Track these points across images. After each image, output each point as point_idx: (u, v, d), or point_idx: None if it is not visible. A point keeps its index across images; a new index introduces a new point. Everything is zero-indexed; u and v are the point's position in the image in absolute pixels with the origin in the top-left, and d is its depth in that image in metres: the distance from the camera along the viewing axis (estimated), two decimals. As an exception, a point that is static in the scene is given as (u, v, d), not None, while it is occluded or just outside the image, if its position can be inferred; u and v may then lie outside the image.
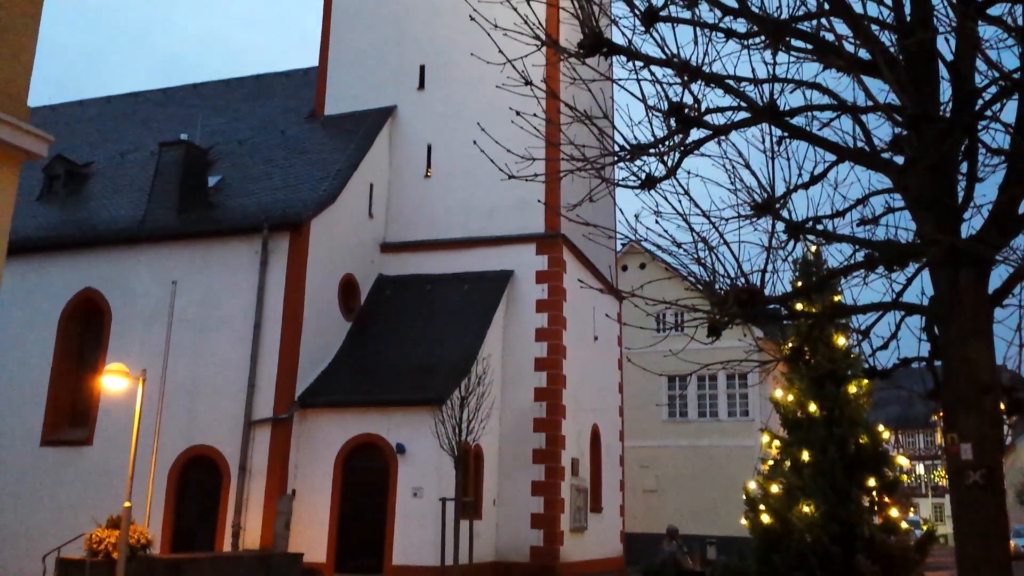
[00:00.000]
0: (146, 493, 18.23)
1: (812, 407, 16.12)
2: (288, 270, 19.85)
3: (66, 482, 20.11)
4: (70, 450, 20.50)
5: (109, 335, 20.90)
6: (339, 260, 21.37)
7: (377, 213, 23.09)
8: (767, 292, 5.52)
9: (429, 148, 23.61)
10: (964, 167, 5.42)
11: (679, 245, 5.67)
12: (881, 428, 16.49)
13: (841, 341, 15.55)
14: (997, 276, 5.31)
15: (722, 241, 5.51)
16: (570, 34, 5.90)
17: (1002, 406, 5.30)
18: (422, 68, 24.20)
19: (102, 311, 21.25)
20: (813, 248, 14.13)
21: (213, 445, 19.37)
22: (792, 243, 5.70)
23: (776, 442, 16.85)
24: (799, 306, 6.44)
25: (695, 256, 5.62)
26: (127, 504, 15.97)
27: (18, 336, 21.43)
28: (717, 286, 5.57)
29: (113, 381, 16.57)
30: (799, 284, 11.10)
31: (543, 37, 5.86)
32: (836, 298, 11.75)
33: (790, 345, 8.04)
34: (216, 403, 19.52)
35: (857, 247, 5.71)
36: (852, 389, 16.11)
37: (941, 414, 5.41)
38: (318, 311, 20.32)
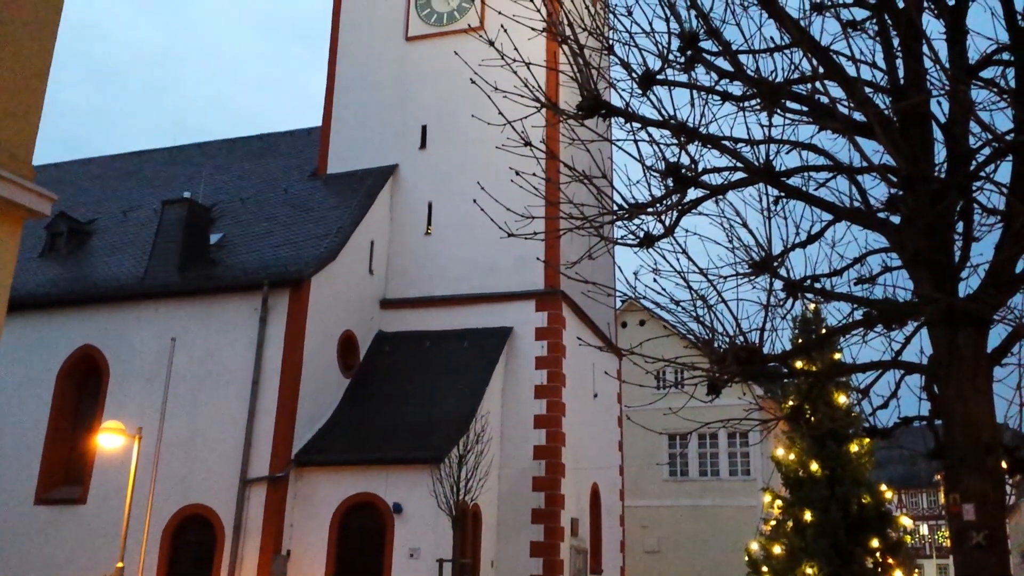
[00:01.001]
0: (139, 553, 17.98)
1: (814, 466, 16.01)
2: (287, 327, 19.82)
3: (59, 541, 19.80)
4: (64, 509, 20.23)
5: (106, 392, 20.77)
6: (339, 317, 21.37)
7: (377, 270, 23.17)
8: (766, 350, 5.53)
9: (430, 206, 23.79)
10: (960, 227, 5.46)
11: (678, 303, 5.70)
12: (884, 488, 16.36)
13: (842, 400, 15.51)
14: (996, 335, 5.33)
15: (720, 299, 5.54)
16: (569, 96, 6.00)
17: (1004, 465, 5.27)
18: (424, 128, 24.51)
19: (100, 368, 21.17)
20: (812, 306, 14.17)
21: (208, 504, 19.11)
22: (790, 301, 5.72)
23: (778, 502, 16.69)
24: (799, 364, 6.42)
25: (694, 314, 5.65)
26: (120, 564, 15.75)
27: (15, 393, 21.31)
28: (716, 344, 5.58)
29: (109, 439, 16.47)
30: (798, 342, 11.10)
31: (543, 99, 5.96)
32: (836, 356, 11.74)
33: (790, 403, 8.01)
34: (212, 461, 19.34)
35: (855, 306, 5.73)
36: (854, 448, 16.01)
37: (943, 474, 5.38)
38: (316, 368, 20.24)
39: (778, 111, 5.42)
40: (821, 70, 5.31)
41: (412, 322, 22.77)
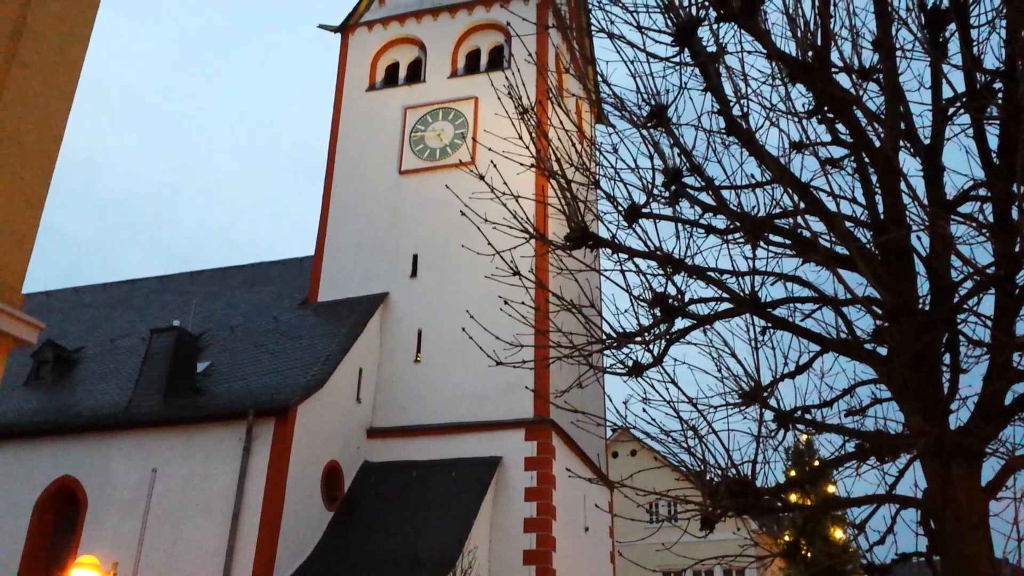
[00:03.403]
0: None
1: (812, 605, 15.48)
2: (271, 457, 19.42)
3: None
4: (30, 650, 19.30)
5: (83, 525, 20.14)
6: (324, 446, 21.00)
7: (365, 398, 22.96)
8: (759, 483, 5.43)
9: (419, 333, 23.82)
10: (947, 358, 5.47)
11: (668, 433, 5.64)
12: (886, 628, 15.80)
13: (838, 534, 15.18)
14: (990, 467, 5.25)
15: (711, 430, 5.48)
16: (557, 227, 6.11)
17: (1007, 604, 5.10)
18: (415, 257, 24.84)
19: (78, 499, 20.59)
20: (804, 438, 14.06)
21: (183, 645, 18.26)
22: (782, 433, 5.66)
23: (777, 644, 16.07)
24: (793, 498, 6.31)
25: (684, 444, 5.57)
26: None
27: (-12, 525, 20.66)
28: (708, 476, 5.48)
29: (83, 575, 15.88)
30: (791, 475, 10.93)
31: (531, 231, 6.08)
32: (830, 488, 11.54)
33: (786, 539, 7.82)
34: (189, 598, 18.57)
35: (847, 438, 5.67)
36: (853, 585, 15.55)
37: (945, 613, 5.19)
38: (300, 501, 19.74)
39: (761, 244, 5.51)
40: (802, 205, 5.43)
41: (399, 451, 22.39)
